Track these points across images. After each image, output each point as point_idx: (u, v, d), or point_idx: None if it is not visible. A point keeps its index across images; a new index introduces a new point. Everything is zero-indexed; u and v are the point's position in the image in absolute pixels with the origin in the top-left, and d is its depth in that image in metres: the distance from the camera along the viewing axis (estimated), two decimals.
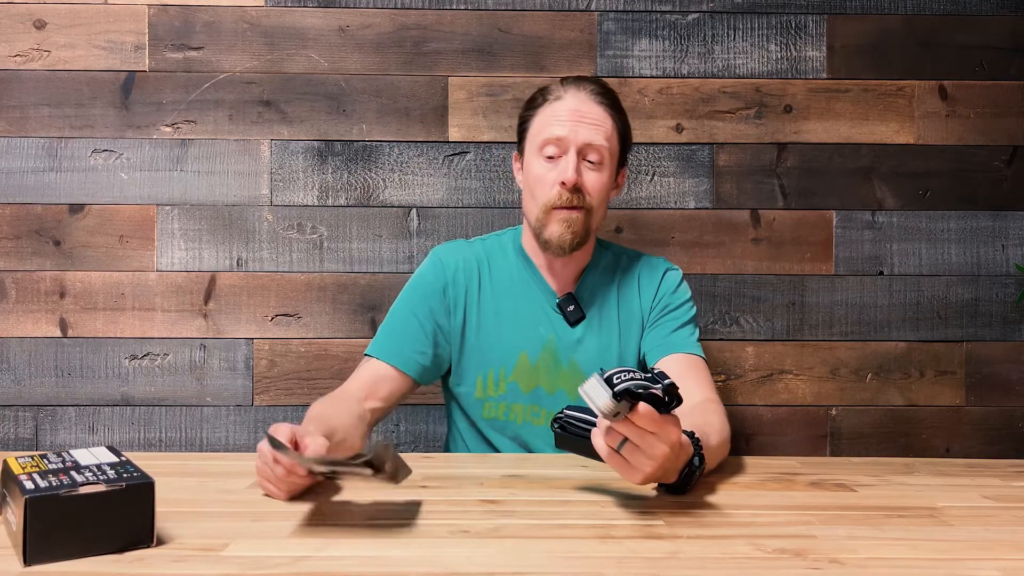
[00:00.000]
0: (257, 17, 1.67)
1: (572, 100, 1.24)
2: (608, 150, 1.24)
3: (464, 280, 1.31)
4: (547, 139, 1.23)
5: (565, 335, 1.30)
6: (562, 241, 1.23)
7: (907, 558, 0.76)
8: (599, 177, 1.24)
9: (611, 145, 1.25)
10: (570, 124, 1.22)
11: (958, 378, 1.70)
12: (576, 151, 1.22)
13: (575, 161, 1.22)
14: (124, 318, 1.66)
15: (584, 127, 1.22)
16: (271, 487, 0.91)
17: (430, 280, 1.31)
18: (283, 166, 1.67)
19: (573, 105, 1.24)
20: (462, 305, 1.30)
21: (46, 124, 1.66)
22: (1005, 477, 1.10)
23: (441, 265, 1.32)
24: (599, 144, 1.23)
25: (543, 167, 1.24)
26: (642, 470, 0.84)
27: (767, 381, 1.69)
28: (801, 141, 1.69)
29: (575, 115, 1.23)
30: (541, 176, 1.24)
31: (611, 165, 1.26)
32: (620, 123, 1.27)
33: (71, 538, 0.71)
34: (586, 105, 1.24)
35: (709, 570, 0.72)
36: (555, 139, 1.23)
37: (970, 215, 1.70)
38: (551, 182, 1.23)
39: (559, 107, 1.24)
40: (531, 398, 1.29)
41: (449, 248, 1.36)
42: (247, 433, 1.66)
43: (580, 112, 1.23)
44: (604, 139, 1.23)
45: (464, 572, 0.70)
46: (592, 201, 1.24)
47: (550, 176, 1.23)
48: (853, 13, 1.69)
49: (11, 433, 1.65)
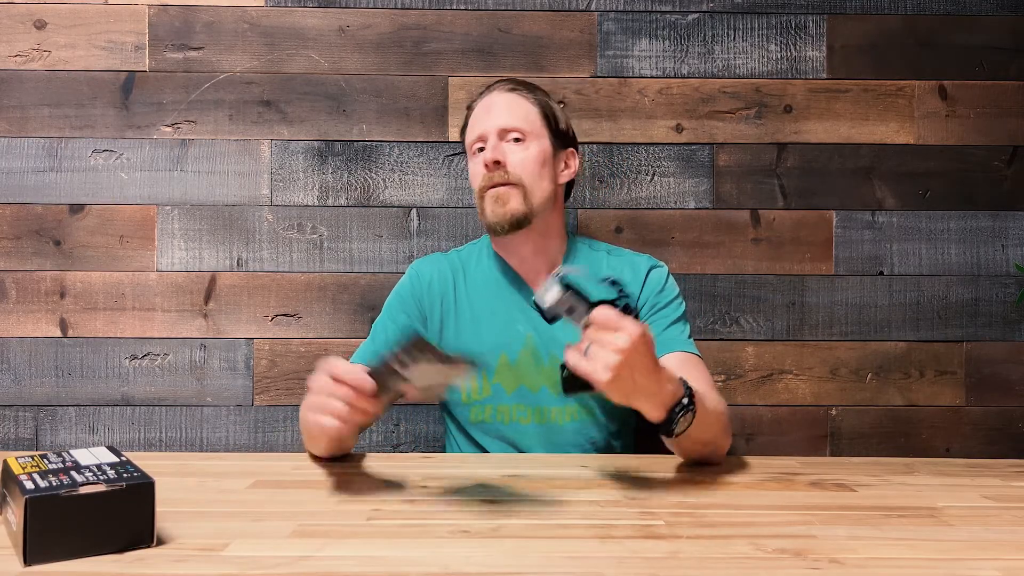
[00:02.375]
0: (257, 17, 1.67)
1: (484, 101, 1.33)
2: (528, 128, 1.30)
3: (440, 289, 1.35)
4: (471, 141, 1.33)
5: (544, 331, 1.29)
6: (495, 216, 1.27)
7: (907, 558, 0.76)
8: (523, 151, 1.29)
9: (531, 124, 1.30)
10: (483, 117, 1.31)
11: (958, 378, 1.70)
12: (496, 137, 1.29)
13: (494, 143, 1.28)
14: (124, 318, 1.66)
15: (496, 115, 1.30)
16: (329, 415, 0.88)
17: (407, 291, 1.36)
18: (283, 166, 1.67)
19: (485, 103, 1.32)
20: (438, 313, 1.33)
21: (46, 124, 1.66)
22: (1005, 477, 1.10)
23: (417, 277, 1.37)
24: (516, 124, 1.29)
25: (473, 163, 1.33)
26: (607, 364, 0.86)
27: (767, 381, 1.69)
28: (801, 141, 1.69)
29: (487, 109, 1.31)
30: (473, 171, 1.33)
31: (540, 142, 1.30)
32: (540, 104, 1.33)
33: (71, 538, 0.71)
34: (498, 98, 1.32)
35: (709, 570, 0.72)
36: (476, 137, 1.31)
37: (970, 215, 1.70)
38: (479, 171, 1.30)
39: (476, 111, 1.34)
40: (515, 397, 1.29)
41: (425, 260, 1.41)
42: (247, 433, 1.66)
43: (490, 104, 1.31)
44: (520, 120, 1.30)
45: (464, 572, 0.70)
46: (520, 173, 1.27)
47: (478, 167, 1.30)
48: (853, 13, 1.69)
49: (11, 433, 1.65)
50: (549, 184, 1.30)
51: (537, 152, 1.29)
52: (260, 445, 1.66)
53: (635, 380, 0.89)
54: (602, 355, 0.87)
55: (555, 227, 1.33)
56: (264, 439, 1.66)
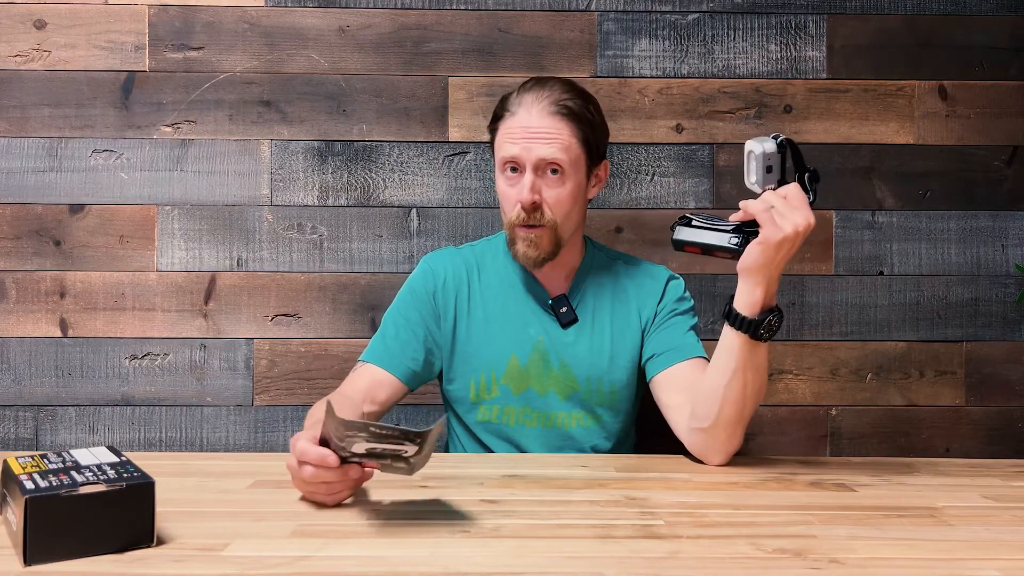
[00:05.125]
0: (257, 17, 1.67)
1: (523, 115, 1.22)
2: (568, 161, 1.22)
3: (454, 286, 1.32)
4: (504, 158, 1.23)
5: (556, 336, 1.29)
6: (527, 259, 1.25)
7: (907, 558, 0.76)
8: (561, 190, 1.23)
9: (571, 155, 1.22)
10: (522, 143, 1.21)
11: (958, 378, 1.70)
12: (532, 169, 1.21)
13: (531, 180, 1.21)
14: (124, 318, 1.66)
15: (537, 144, 1.20)
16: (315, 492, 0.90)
17: (420, 287, 1.32)
18: (283, 166, 1.67)
19: (524, 122, 1.21)
20: (452, 311, 1.31)
21: (46, 124, 1.66)
22: (1005, 477, 1.10)
23: (431, 272, 1.33)
24: (556, 157, 1.21)
25: (505, 184, 1.25)
26: (784, 229, 1.00)
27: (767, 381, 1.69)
28: (801, 141, 1.69)
29: (526, 133, 1.21)
30: (505, 193, 1.25)
31: (576, 173, 1.24)
32: (581, 127, 1.24)
33: (71, 538, 0.71)
34: (537, 119, 1.21)
35: (709, 570, 0.72)
36: (511, 158, 1.22)
37: (970, 215, 1.70)
38: (513, 200, 1.23)
39: (512, 124, 1.23)
40: (522, 400, 1.29)
41: (439, 255, 1.37)
42: (247, 433, 1.66)
43: (531, 129, 1.21)
44: (560, 151, 1.21)
45: (464, 572, 0.70)
46: (555, 215, 1.23)
47: (511, 194, 1.24)
48: (853, 13, 1.69)
49: (11, 433, 1.65)
50: (579, 214, 1.28)
51: (573, 188, 1.24)
52: (260, 445, 1.66)
53: (787, 253, 1.03)
54: (785, 221, 1.00)
55: (577, 239, 1.32)
56: (264, 439, 1.66)
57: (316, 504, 0.89)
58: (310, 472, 0.86)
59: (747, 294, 1.06)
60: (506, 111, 1.25)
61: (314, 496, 0.90)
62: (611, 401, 1.29)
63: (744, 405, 1.10)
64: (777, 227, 1.00)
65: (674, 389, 1.22)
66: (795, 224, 1.00)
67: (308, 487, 0.90)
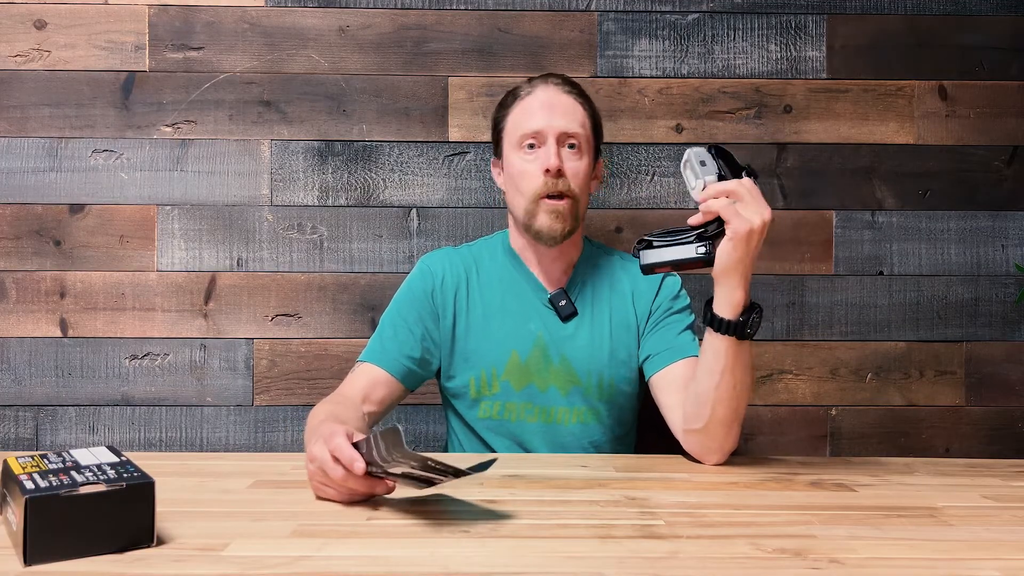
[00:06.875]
0: (257, 17, 1.67)
1: (542, 94, 1.28)
2: (584, 137, 1.28)
3: (452, 285, 1.33)
4: (525, 133, 1.27)
5: (556, 330, 1.30)
6: (552, 231, 1.25)
7: (907, 558, 0.76)
8: (579, 163, 1.27)
9: (586, 132, 1.28)
10: (544, 115, 1.26)
11: (958, 378, 1.70)
12: (555, 139, 1.25)
13: (555, 148, 1.25)
14: (124, 318, 1.66)
15: (558, 116, 1.26)
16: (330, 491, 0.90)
17: (418, 286, 1.33)
18: (283, 166, 1.67)
19: (544, 98, 1.27)
20: (451, 309, 1.32)
21: (46, 124, 1.66)
22: (1005, 477, 1.10)
23: (429, 271, 1.34)
24: (576, 131, 1.26)
25: (524, 159, 1.27)
26: (752, 220, 1.01)
27: (767, 381, 1.69)
28: (801, 141, 1.69)
29: (548, 106, 1.26)
30: (524, 169, 1.27)
31: (589, 152, 1.29)
32: (591, 112, 1.31)
33: (71, 538, 0.71)
34: (556, 96, 1.27)
35: (709, 570, 0.72)
36: (532, 132, 1.26)
37: (970, 215, 1.70)
38: (534, 172, 1.25)
39: (531, 102, 1.28)
40: (524, 396, 1.29)
41: (436, 255, 1.38)
42: (247, 433, 1.66)
43: (552, 103, 1.27)
44: (579, 126, 1.27)
45: (464, 572, 0.70)
46: (576, 187, 1.26)
47: (532, 167, 1.26)
48: (853, 13, 1.69)
49: (11, 433, 1.65)
50: (587, 198, 1.32)
51: (587, 164, 1.28)
52: (260, 445, 1.66)
53: (757, 246, 1.04)
54: (750, 213, 1.01)
55: (579, 234, 1.33)
56: (264, 439, 1.66)
57: (316, 504, 0.89)
58: (340, 474, 0.86)
59: (727, 296, 1.07)
60: (520, 95, 1.30)
61: (323, 492, 0.90)
62: (611, 396, 1.30)
63: (737, 403, 1.10)
64: (744, 219, 1.01)
65: (670, 389, 1.23)
66: (761, 214, 1.02)
67: (326, 487, 0.90)
